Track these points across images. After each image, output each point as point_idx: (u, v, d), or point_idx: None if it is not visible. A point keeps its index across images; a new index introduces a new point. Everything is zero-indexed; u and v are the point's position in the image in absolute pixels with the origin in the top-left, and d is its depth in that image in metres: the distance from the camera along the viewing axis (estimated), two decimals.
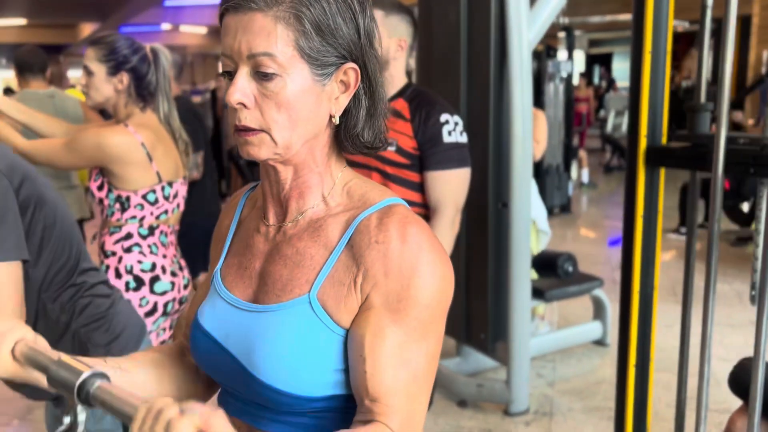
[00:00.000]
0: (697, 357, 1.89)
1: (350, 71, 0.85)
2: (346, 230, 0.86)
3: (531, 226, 3.81)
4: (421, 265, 0.81)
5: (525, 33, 2.79)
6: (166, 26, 16.33)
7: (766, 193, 1.62)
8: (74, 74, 11.34)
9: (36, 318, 1.46)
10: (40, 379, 0.84)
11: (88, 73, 2.08)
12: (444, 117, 2.03)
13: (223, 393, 0.97)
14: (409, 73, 2.24)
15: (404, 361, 0.81)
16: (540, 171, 6.34)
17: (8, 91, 8.94)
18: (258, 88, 0.81)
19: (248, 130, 0.82)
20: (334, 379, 0.84)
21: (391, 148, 2.02)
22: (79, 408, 0.76)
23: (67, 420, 0.78)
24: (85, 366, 0.77)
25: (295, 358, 0.83)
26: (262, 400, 0.87)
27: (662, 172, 1.88)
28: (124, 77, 2.07)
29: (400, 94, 2.09)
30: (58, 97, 3.58)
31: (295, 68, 0.80)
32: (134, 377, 0.95)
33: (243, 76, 0.81)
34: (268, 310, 0.87)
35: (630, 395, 2.07)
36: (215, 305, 0.93)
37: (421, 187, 2.07)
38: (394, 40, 2.05)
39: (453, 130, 2.03)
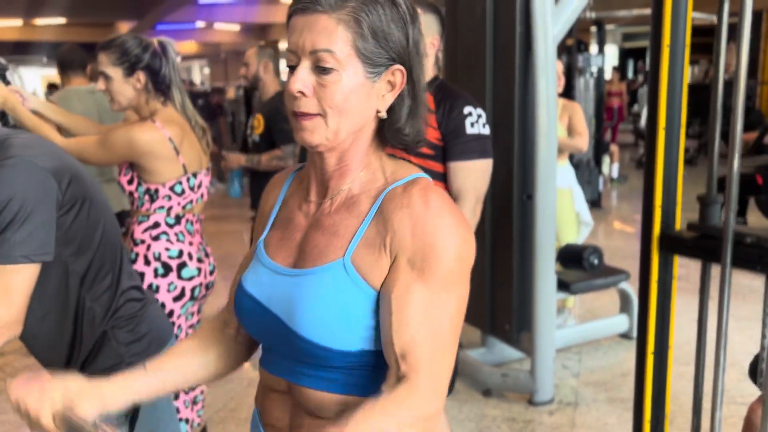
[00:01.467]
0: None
1: (397, 72, 0.95)
2: (376, 200, 0.96)
3: (574, 217, 3.85)
4: (442, 227, 0.90)
5: (550, 27, 2.82)
6: (200, 24, 16.59)
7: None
8: None
9: (75, 315, 1.50)
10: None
11: (106, 78, 2.15)
12: (467, 109, 2.09)
13: (265, 353, 1.06)
14: (438, 68, 2.30)
15: (428, 317, 0.89)
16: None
17: (52, 87, 9.21)
18: (317, 80, 0.91)
19: (305, 114, 0.92)
20: (365, 335, 0.92)
21: None
22: None
23: None
24: None
25: (331, 314, 0.91)
26: (301, 356, 0.96)
27: (675, 259, 1.96)
28: (141, 76, 2.15)
29: (427, 86, 2.16)
30: (99, 93, 3.71)
31: (351, 65, 0.90)
32: (177, 374, 1.08)
33: (304, 68, 0.91)
34: (306, 273, 0.96)
35: (648, 384, 2.09)
36: (258, 271, 1.03)
37: (444, 177, 2.13)
38: (428, 39, 2.14)
39: (476, 122, 2.08)
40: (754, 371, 1.95)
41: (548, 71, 2.84)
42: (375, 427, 0.85)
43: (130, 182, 2.22)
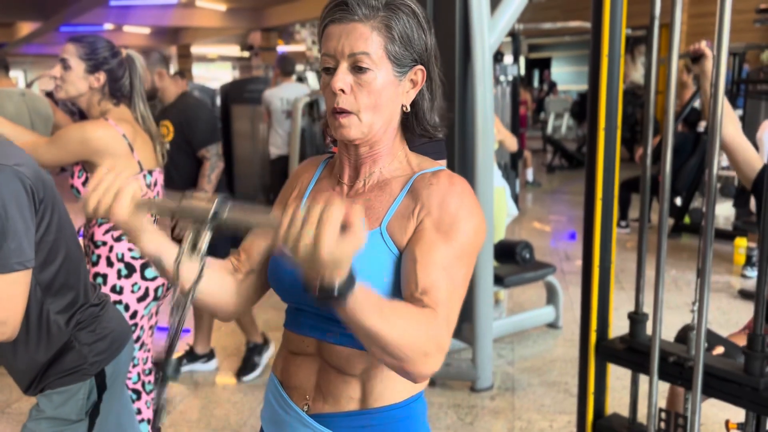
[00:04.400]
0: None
1: (419, 72, 1.09)
2: (407, 183, 1.09)
3: (505, 216, 4.08)
4: (465, 206, 1.04)
5: (486, 38, 3.04)
6: (108, 26, 16.03)
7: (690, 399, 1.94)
8: (12, 74, 11.03)
9: (39, 324, 1.51)
10: (145, 226, 1.02)
11: (66, 66, 2.17)
12: None
13: (293, 316, 1.14)
14: None
15: (447, 272, 1.00)
16: None
17: None
18: (354, 79, 1.04)
19: (343, 112, 1.04)
20: (388, 292, 1.03)
21: None
22: (207, 229, 0.89)
23: (191, 243, 0.90)
24: (206, 200, 0.90)
25: (365, 273, 0.98)
26: (333, 313, 1.03)
27: (609, 366, 2.28)
28: (101, 76, 2.19)
29: None
30: (28, 96, 3.62)
31: (383, 66, 1.04)
32: (210, 276, 1.12)
33: (343, 69, 1.04)
34: None
35: (591, 369, 2.29)
36: None
37: None
38: None
39: None
40: (681, 340, 2.21)
41: (485, 78, 3.05)
42: (415, 320, 0.92)
43: (84, 184, 2.23)
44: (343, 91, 1.04)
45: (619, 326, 2.37)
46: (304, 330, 1.12)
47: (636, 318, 2.14)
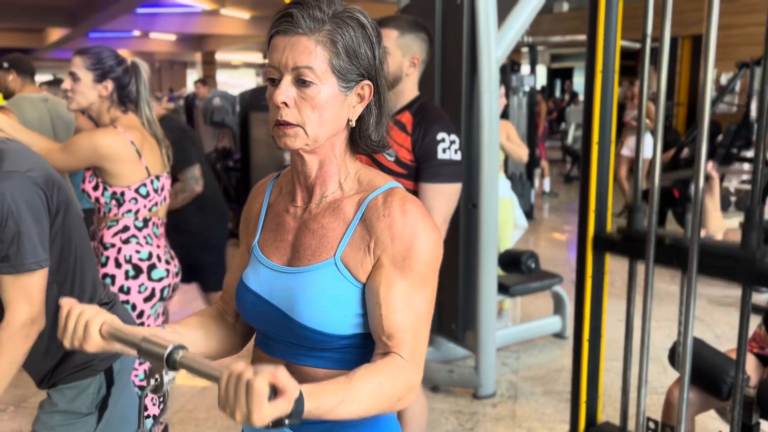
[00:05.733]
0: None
1: (366, 87, 1.09)
2: (359, 208, 1.09)
3: (512, 225, 4.12)
4: (419, 233, 1.06)
5: (493, 51, 3.10)
6: (136, 33, 16.35)
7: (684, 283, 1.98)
8: (40, 78, 11.35)
9: (54, 322, 1.56)
10: (125, 351, 1.07)
11: (75, 78, 2.28)
12: (440, 135, 2.14)
13: (262, 339, 1.20)
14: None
15: (410, 306, 1.06)
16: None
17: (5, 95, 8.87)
18: (297, 92, 1.04)
19: (287, 124, 1.05)
20: (356, 321, 1.09)
21: (391, 159, 2.16)
22: (165, 372, 0.97)
23: (153, 382, 0.99)
24: (166, 341, 0.98)
25: (326, 305, 1.07)
26: (300, 340, 1.11)
27: (607, 256, 2.28)
28: (109, 84, 2.30)
29: (408, 107, 2.21)
30: (51, 101, 3.74)
31: (327, 80, 1.04)
32: (187, 337, 1.19)
33: (287, 82, 1.04)
34: (303, 270, 1.11)
35: (584, 378, 2.34)
36: (258, 270, 1.17)
37: (415, 194, 2.29)
38: (408, 58, 2.19)
39: (448, 147, 2.15)
40: (673, 356, 2.25)
41: (491, 91, 3.11)
42: (377, 380, 0.98)
43: (95, 188, 2.32)
44: (286, 104, 1.04)
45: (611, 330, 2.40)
46: (274, 353, 1.16)
47: (633, 207, 2.14)
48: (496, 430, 3.07)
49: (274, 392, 0.83)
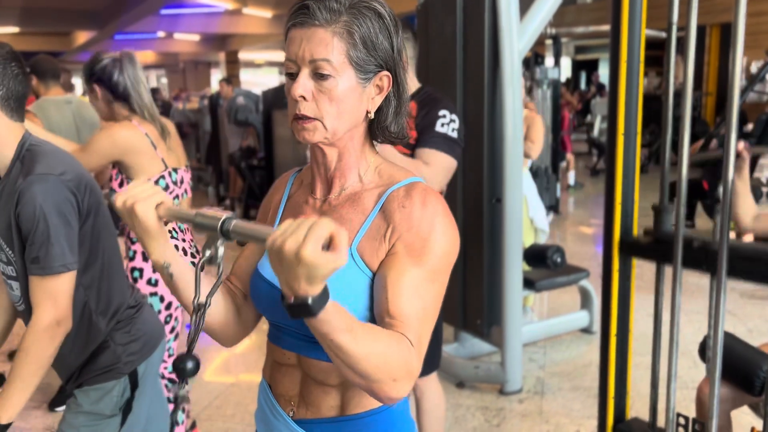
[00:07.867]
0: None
1: (385, 78, 1.06)
2: (379, 200, 1.08)
3: (529, 224, 4.08)
4: (437, 226, 1.04)
5: (516, 43, 3.06)
6: (160, 34, 16.54)
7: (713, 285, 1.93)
8: (76, 80, 11.60)
9: (80, 324, 1.61)
10: (159, 234, 1.03)
11: (84, 94, 2.40)
12: (442, 112, 2.18)
13: (275, 331, 1.18)
14: None
15: (418, 295, 1.00)
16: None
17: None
18: (315, 86, 1.02)
19: (305, 118, 1.03)
20: (367, 315, 1.06)
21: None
22: (220, 242, 0.96)
23: (208, 253, 0.97)
24: (219, 213, 0.96)
25: (339, 294, 1.02)
26: (308, 331, 1.08)
27: (633, 261, 2.22)
28: (95, 87, 2.36)
29: (412, 97, 2.27)
30: (75, 103, 3.78)
31: (345, 72, 1.02)
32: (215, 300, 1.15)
33: (304, 75, 1.02)
34: None
35: (612, 374, 2.30)
36: None
37: None
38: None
39: (447, 123, 2.17)
40: (704, 351, 2.20)
41: (514, 84, 3.08)
42: (386, 343, 0.94)
43: (120, 185, 2.35)
44: (304, 98, 1.02)
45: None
46: (286, 345, 1.14)
47: (660, 208, 2.10)
48: (523, 426, 3.05)
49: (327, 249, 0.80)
